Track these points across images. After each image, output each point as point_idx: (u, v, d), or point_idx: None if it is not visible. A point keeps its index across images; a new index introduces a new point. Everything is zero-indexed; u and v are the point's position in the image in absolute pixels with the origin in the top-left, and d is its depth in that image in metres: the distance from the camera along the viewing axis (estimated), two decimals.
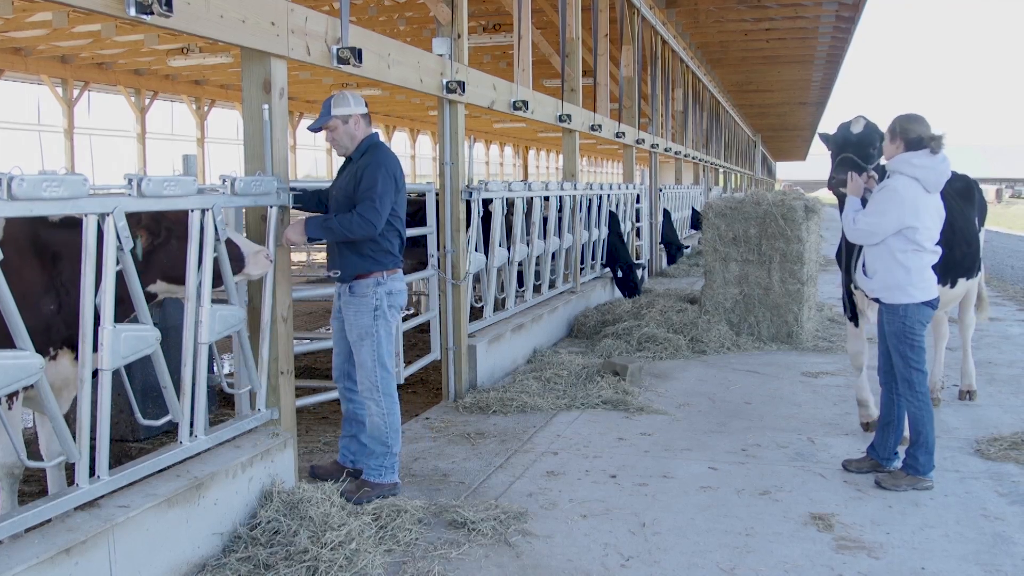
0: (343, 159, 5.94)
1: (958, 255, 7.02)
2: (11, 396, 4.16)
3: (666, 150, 21.38)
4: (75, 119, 23.89)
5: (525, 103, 9.93)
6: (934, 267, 6.01)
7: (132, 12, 4.15)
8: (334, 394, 6.37)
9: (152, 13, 4.20)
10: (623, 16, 16.65)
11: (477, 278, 9.48)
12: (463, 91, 8.15)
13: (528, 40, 11.03)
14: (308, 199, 6.06)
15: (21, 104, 24.51)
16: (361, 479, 5.81)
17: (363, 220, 5.48)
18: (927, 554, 4.91)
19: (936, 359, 7.85)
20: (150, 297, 4.70)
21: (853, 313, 7.17)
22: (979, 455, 6.55)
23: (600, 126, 14.01)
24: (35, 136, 25.20)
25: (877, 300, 6.13)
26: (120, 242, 4.16)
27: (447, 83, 7.97)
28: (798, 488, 5.95)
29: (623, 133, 15.85)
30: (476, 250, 8.88)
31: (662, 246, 19.93)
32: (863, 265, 6.18)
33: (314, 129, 5.84)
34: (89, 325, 4.10)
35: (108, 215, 4.09)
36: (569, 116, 12.10)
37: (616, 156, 60.10)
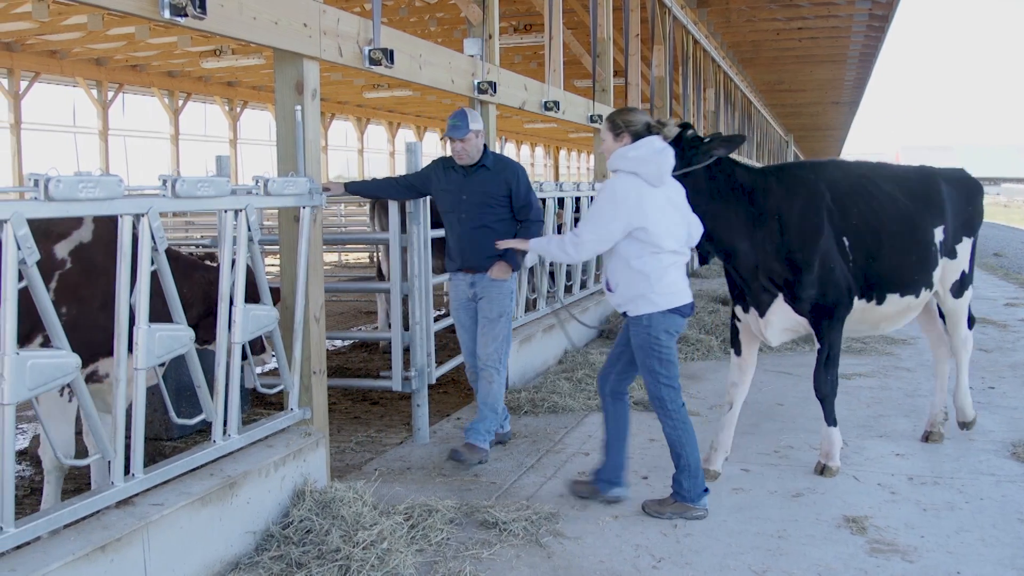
0: (439, 165, 6.76)
1: (887, 265, 6.16)
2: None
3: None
4: (110, 121, 24.11)
5: (556, 103, 9.93)
6: (872, 276, 5.97)
7: (166, 14, 4.18)
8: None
9: (186, 15, 4.23)
10: (654, 16, 16.62)
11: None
12: (494, 92, 8.16)
13: (559, 40, 11.04)
14: (366, 187, 7.07)
15: (57, 106, 24.78)
16: (470, 443, 6.51)
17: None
18: (962, 558, 4.85)
19: (936, 387, 7.01)
20: None
21: (735, 340, 6.43)
22: (1015, 458, 6.47)
23: None
24: (71, 138, 25.47)
25: (624, 314, 5.50)
26: (155, 242, 4.19)
27: (478, 84, 7.99)
28: (831, 490, 5.91)
29: None
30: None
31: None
32: (606, 281, 5.56)
33: (454, 137, 6.46)
34: (124, 325, 4.13)
35: (143, 216, 4.12)
36: (600, 116, 12.07)
37: None
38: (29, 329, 4.37)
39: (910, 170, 6.73)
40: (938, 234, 6.44)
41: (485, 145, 6.70)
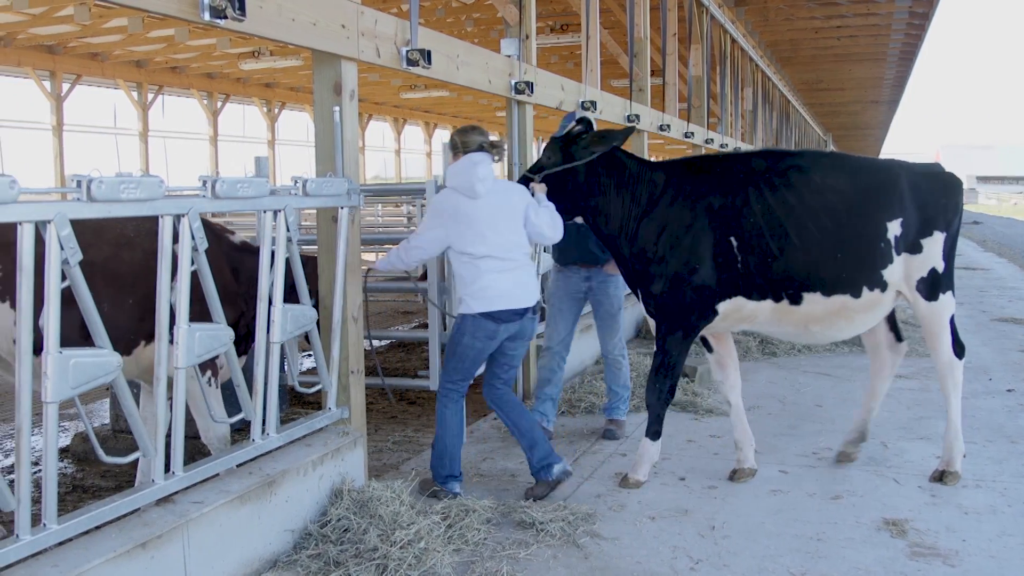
0: None
1: (801, 263, 5.79)
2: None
3: (736, 150, 21.19)
4: (150, 122, 24.33)
5: (593, 103, 9.90)
6: (779, 274, 5.78)
7: (206, 16, 4.21)
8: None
9: (226, 17, 4.25)
10: (692, 15, 16.54)
11: (546, 278, 9.47)
12: (531, 92, 8.15)
13: (596, 40, 11.01)
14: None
15: (98, 108, 25.04)
16: (616, 419, 7.36)
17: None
18: (1005, 563, 4.79)
19: (863, 401, 6.62)
20: None
21: (702, 338, 6.40)
22: None
23: (668, 126, 13.92)
24: (111, 139, 25.72)
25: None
26: (195, 242, 4.23)
27: (515, 84, 7.98)
28: (871, 493, 5.86)
29: (692, 133, 15.73)
30: (545, 251, 8.87)
31: None
32: None
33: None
34: (165, 324, 4.17)
35: (184, 216, 4.15)
36: (638, 116, 12.04)
37: None
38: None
39: (865, 162, 6.34)
40: (893, 228, 5.89)
41: None
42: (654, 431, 6.06)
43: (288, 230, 4.86)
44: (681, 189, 5.94)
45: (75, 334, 4.42)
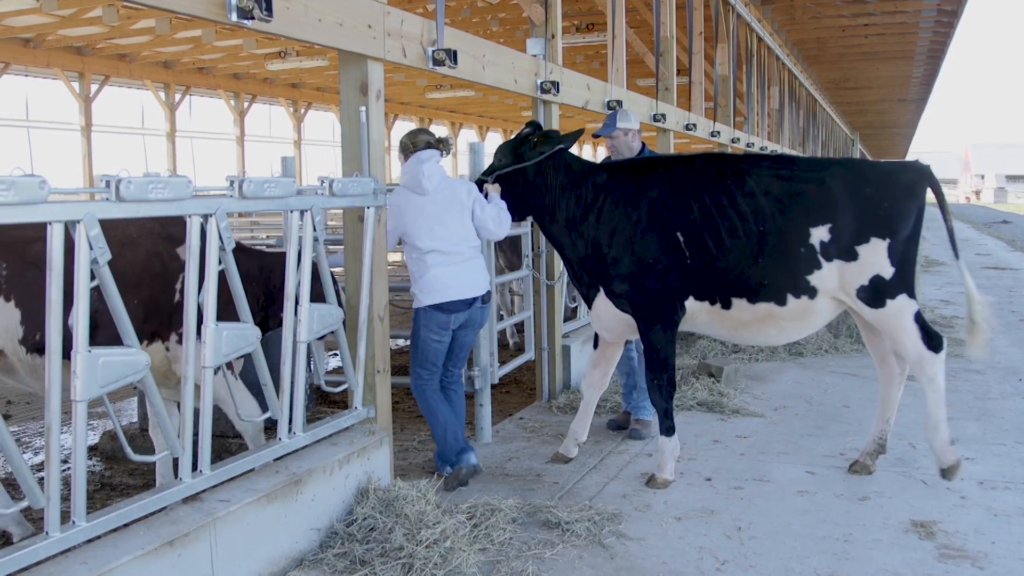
0: None
1: (730, 268, 5.79)
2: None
3: (761, 149, 21.09)
4: (177, 123, 24.48)
5: (619, 103, 9.88)
6: (713, 278, 5.83)
7: (234, 17, 4.23)
8: None
9: (253, 18, 4.27)
10: (718, 14, 16.48)
11: None
12: (557, 91, 8.15)
13: (622, 39, 10.99)
14: None
15: (126, 109, 25.20)
16: (642, 419, 7.27)
17: None
18: None
19: (880, 409, 6.41)
20: None
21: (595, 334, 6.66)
22: None
23: (695, 125, 13.88)
24: (139, 139, 25.89)
25: None
26: (223, 242, 4.25)
27: (541, 83, 7.98)
28: (899, 494, 5.81)
29: (718, 132, 15.68)
30: None
31: None
32: None
33: (601, 135, 7.17)
34: (192, 324, 4.19)
35: (211, 216, 4.17)
36: (664, 115, 12.01)
37: None
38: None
39: (803, 163, 6.11)
40: (819, 234, 5.75)
41: (645, 146, 7.35)
42: (667, 427, 6.08)
43: (315, 230, 4.88)
44: (625, 189, 6.03)
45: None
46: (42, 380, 4.65)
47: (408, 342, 11.57)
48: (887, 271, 5.78)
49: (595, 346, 6.67)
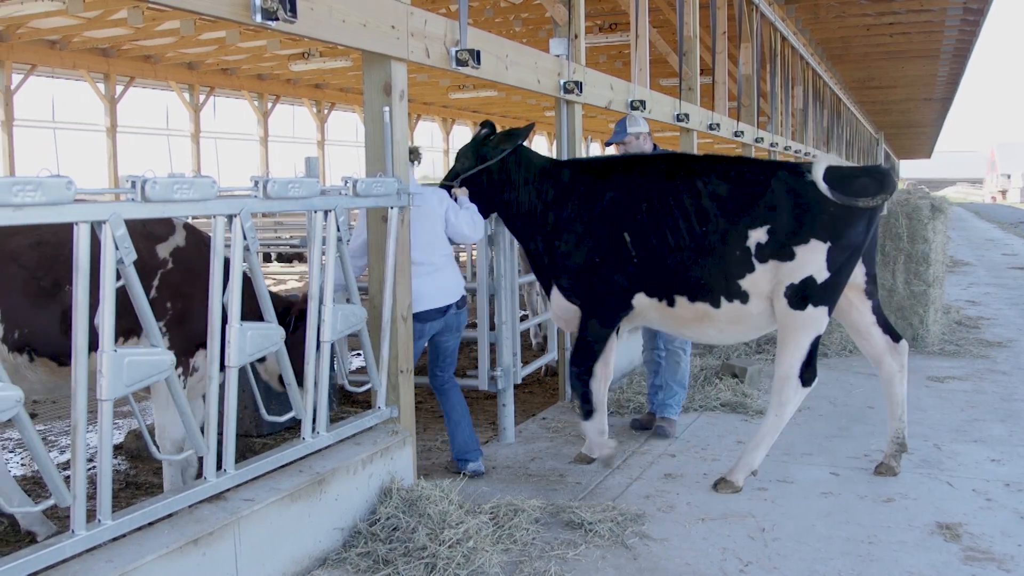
0: None
1: (672, 266, 5.82)
2: None
3: (785, 149, 21.00)
4: (201, 123, 24.65)
5: (643, 102, 9.86)
6: (659, 275, 5.89)
7: (258, 18, 4.25)
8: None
9: (277, 19, 4.29)
10: (741, 13, 16.42)
11: None
12: (580, 91, 8.14)
13: (645, 39, 10.97)
14: None
15: (151, 110, 25.40)
16: (667, 417, 7.27)
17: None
18: None
19: (890, 408, 6.30)
20: None
21: None
22: None
23: (718, 125, 13.84)
24: (164, 140, 26.09)
25: None
26: (247, 242, 4.26)
27: (564, 83, 7.98)
28: (924, 496, 5.78)
29: (741, 132, 15.62)
30: None
31: None
32: None
33: (614, 142, 7.38)
34: (217, 324, 4.21)
35: (236, 216, 4.19)
36: (687, 115, 11.97)
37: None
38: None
39: (755, 165, 6.05)
40: (757, 236, 5.67)
41: (655, 146, 7.57)
42: (586, 411, 6.28)
43: (338, 230, 4.89)
44: (586, 186, 6.12)
45: (55, 329, 4.50)
46: (23, 380, 4.68)
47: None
48: (821, 275, 5.65)
49: None
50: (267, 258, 20.57)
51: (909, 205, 10.72)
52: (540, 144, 42.39)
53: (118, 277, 3.65)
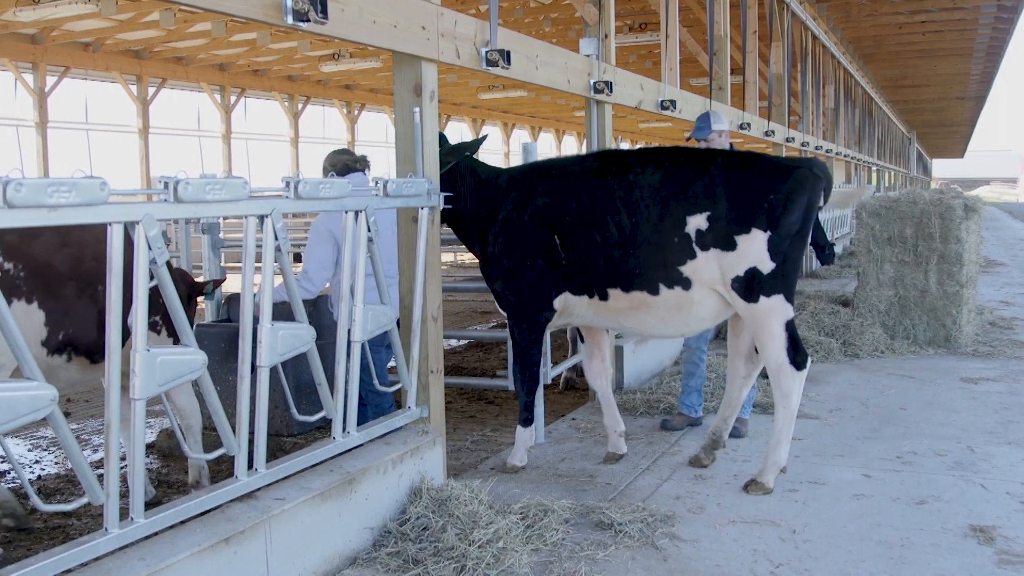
0: None
1: (604, 260, 5.83)
2: None
3: (816, 148, 20.89)
4: (232, 124, 24.80)
5: (673, 102, 9.84)
6: (591, 271, 5.91)
7: (289, 20, 4.27)
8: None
9: (308, 20, 4.31)
10: (772, 12, 16.35)
11: None
12: (610, 91, 8.13)
13: (675, 39, 10.94)
14: None
15: (182, 111, 25.58)
16: (742, 418, 7.14)
17: None
18: None
19: (722, 409, 6.51)
20: None
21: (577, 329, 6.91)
22: None
23: (749, 124, 13.79)
24: (195, 141, 26.27)
25: None
26: (278, 242, 4.28)
27: (594, 83, 7.97)
28: (957, 498, 5.72)
29: (772, 131, 15.55)
30: None
31: (811, 247, 19.41)
32: None
33: (696, 137, 7.29)
34: (248, 324, 4.24)
35: (267, 216, 4.21)
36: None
37: None
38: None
39: (692, 153, 6.01)
40: (696, 222, 5.65)
41: (731, 144, 7.49)
42: (524, 418, 6.39)
43: (369, 230, 4.90)
44: (520, 191, 6.15)
45: (94, 329, 4.51)
46: (56, 380, 4.70)
47: (460, 342, 11.62)
48: (765, 265, 5.64)
49: (581, 339, 6.75)
50: (297, 258, 20.62)
51: (942, 205, 10.63)
52: (570, 144, 42.34)
53: (151, 277, 3.68)
